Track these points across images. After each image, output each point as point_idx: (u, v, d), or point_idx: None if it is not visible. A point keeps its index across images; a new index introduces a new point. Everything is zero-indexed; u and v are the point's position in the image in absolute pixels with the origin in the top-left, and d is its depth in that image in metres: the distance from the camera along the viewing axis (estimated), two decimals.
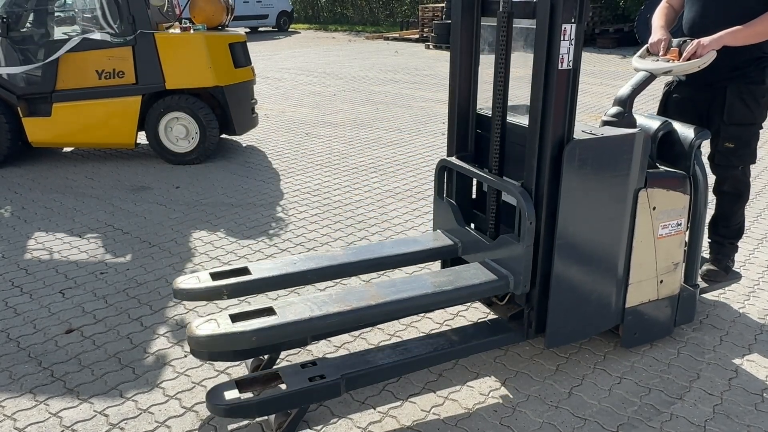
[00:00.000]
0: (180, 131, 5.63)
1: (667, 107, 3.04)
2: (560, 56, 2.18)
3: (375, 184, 5.13)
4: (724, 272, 3.07)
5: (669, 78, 2.99)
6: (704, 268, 3.07)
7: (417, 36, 18.12)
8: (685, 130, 2.68)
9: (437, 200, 2.89)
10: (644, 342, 2.75)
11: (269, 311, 2.11)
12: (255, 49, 15.93)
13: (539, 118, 2.28)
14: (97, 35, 5.29)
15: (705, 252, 3.12)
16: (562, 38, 2.15)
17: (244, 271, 2.43)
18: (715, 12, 2.75)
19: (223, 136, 6.24)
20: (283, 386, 2.17)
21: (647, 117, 2.78)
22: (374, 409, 2.38)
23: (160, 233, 4.12)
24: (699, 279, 2.92)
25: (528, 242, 2.33)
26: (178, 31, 5.58)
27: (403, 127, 7.25)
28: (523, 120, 2.48)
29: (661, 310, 2.70)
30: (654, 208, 2.48)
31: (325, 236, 4.04)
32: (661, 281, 2.62)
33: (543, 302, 2.45)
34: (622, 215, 2.43)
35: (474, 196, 2.91)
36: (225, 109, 5.69)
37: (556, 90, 2.22)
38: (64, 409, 2.39)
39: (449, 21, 15.02)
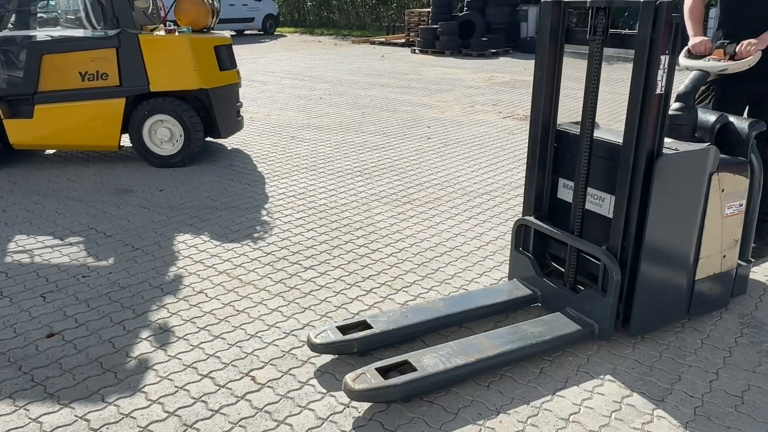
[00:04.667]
0: (164, 134, 5.59)
1: (721, 99, 3.46)
2: (656, 83, 2.46)
3: (360, 187, 5.13)
4: (767, 247, 3.53)
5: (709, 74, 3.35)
6: None
7: (403, 40, 18.17)
8: (740, 122, 2.98)
9: (514, 253, 3.21)
10: (708, 311, 3.04)
11: (409, 365, 2.44)
12: (240, 52, 15.89)
13: (634, 136, 2.55)
14: (79, 33, 5.25)
15: None
16: (658, 68, 2.43)
17: (365, 324, 2.75)
18: (761, 16, 3.26)
19: (208, 139, 6.21)
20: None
21: (703, 111, 3.04)
22: (361, 415, 2.38)
23: (143, 236, 4.09)
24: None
25: (614, 297, 2.67)
26: (162, 33, 5.55)
27: (389, 131, 7.26)
28: (605, 135, 2.83)
29: (722, 283, 3.02)
30: (723, 190, 2.81)
31: (311, 240, 4.03)
32: (724, 256, 2.95)
33: (629, 297, 2.74)
34: (698, 202, 2.75)
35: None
36: (210, 112, 5.67)
37: (651, 112, 2.50)
38: (45, 414, 2.36)
39: (435, 26, 15.12)
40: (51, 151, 6.30)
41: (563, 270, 3.01)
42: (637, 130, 2.53)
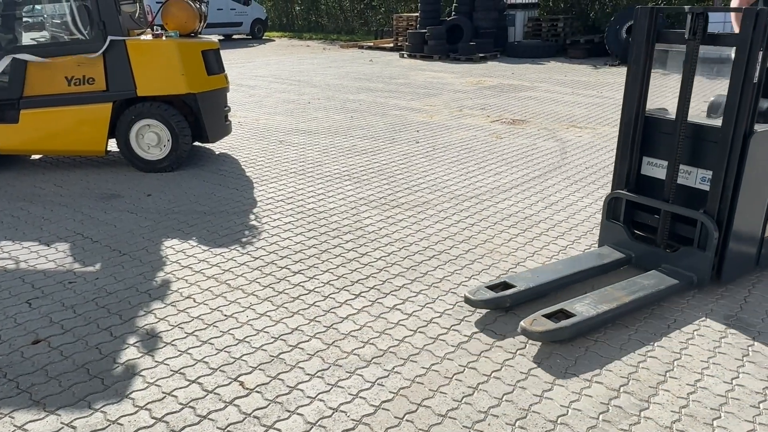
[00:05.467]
0: (152, 139, 5.57)
1: None
2: (754, 74, 2.98)
3: (349, 191, 5.13)
4: None
5: None
6: None
7: (391, 45, 18.21)
8: None
9: (605, 222, 3.73)
10: None
11: (564, 312, 2.89)
12: (229, 56, 15.88)
13: (734, 117, 3.07)
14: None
15: None
16: (756, 62, 2.98)
17: (506, 284, 3.16)
18: None
19: (196, 143, 6.19)
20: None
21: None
22: (346, 414, 2.38)
23: (130, 242, 4.07)
24: None
25: (712, 252, 3.22)
26: (150, 37, 5.53)
27: (378, 135, 7.27)
28: (694, 120, 3.35)
29: None
30: None
31: (299, 244, 4.03)
32: None
33: (722, 252, 3.26)
34: None
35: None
36: (198, 116, 5.65)
37: (748, 98, 3.03)
38: (30, 421, 2.34)
39: (423, 30, 15.14)
40: (37, 156, 6.25)
41: (651, 235, 3.56)
42: (736, 113, 3.05)
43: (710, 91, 9.54)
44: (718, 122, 3.21)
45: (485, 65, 14.21)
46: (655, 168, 3.55)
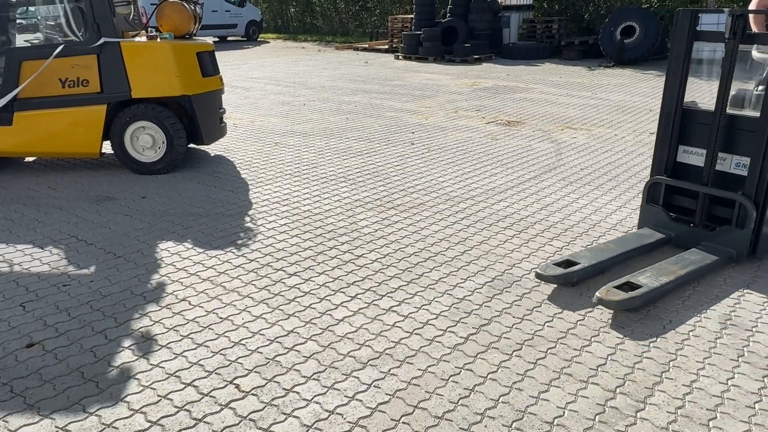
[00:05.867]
0: (146, 141, 5.55)
1: None
2: None
3: (345, 193, 5.13)
4: None
5: None
6: None
7: (386, 46, 18.23)
8: None
9: (645, 206, 4.07)
10: None
11: (630, 284, 3.20)
12: (224, 58, 15.85)
13: None
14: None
15: None
16: None
17: (570, 262, 3.48)
18: None
19: (191, 145, 6.17)
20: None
21: None
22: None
23: (125, 244, 4.05)
24: None
25: (750, 230, 3.57)
26: (144, 39, 5.51)
27: (373, 136, 7.27)
28: (731, 111, 3.71)
29: None
30: None
31: (295, 246, 4.02)
32: None
33: (758, 230, 3.60)
34: None
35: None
36: (193, 118, 5.64)
37: None
38: (25, 425, 2.33)
39: (418, 32, 15.15)
40: (30, 159, 6.23)
41: (688, 217, 3.93)
42: None
43: (708, 90, 9.53)
44: (756, 113, 3.55)
45: (480, 67, 14.23)
46: (690, 155, 3.92)
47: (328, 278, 3.57)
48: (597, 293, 3.12)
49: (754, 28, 4.00)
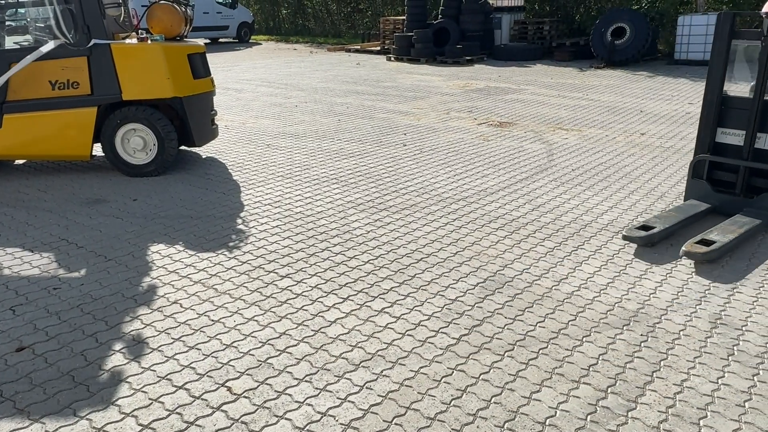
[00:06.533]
0: (137, 143, 5.53)
1: None
2: None
3: (337, 195, 5.13)
4: None
5: None
6: None
7: (378, 48, 18.24)
8: None
9: (691, 181, 4.64)
10: None
11: (704, 241, 3.79)
12: (215, 60, 15.81)
13: None
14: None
15: None
16: None
17: (647, 226, 4.05)
18: None
19: (183, 147, 6.15)
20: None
21: None
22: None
23: (116, 247, 4.03)
24: None
25: None
26: (135, 41, 5.49)
27: (365, 138, 7.27)
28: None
29: None
30: None
31: (287, 248, 4.01)
32: None
33: None
34: None
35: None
36: (184, 120, 5.62)
37: None
38: (15, 430, 2.31)
39: (410, 33, 15.18)
40: (20, 162, 6.19)
41: (729, 189, 4.50)
42: None
43: (694, 91, 9.59)
44: None
45: (472, 68, 14.26)
46: (728, 136, 4.51)
47: (320, 280, 3.56)
48: (683, 247, 3.72)
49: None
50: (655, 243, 3.98)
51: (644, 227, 4.06)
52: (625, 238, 4.00)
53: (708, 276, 3.60)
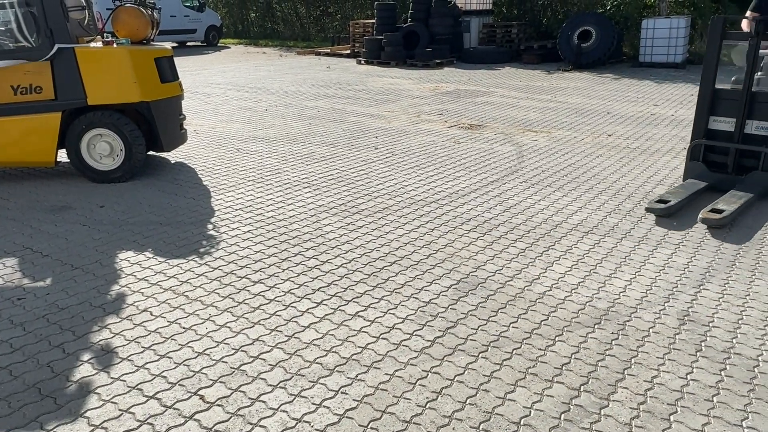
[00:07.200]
0: (104, 148, 5.43)
1: None
2: None
3: (309, 199, 5.10)
4: None
5: None
6: None
7: (348, 51, 18.23)
8: None
9: (689, 163, 5.29)
10: None
11: (716, 210, 4.42)
12: (183, 64, 15.62)
13: None
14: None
15: None
16: None
17: (663, 200, 4.66)
18: None
19: (151, 152, 6.05)
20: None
21: None
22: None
23: (83, 255, 3.95)
24: None
25: None
26: (100, 44, 5.39)
27: (336, 141, 7.26)
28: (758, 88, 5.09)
29: None
30: None
31: (259, 253, 3.97)
32: None
33: None
34: None
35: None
36: (152, 125, 5.54)
37: None
38: None
39: (380, 37, 15.17)
40: None
41: (722, 169, 5.15)
42: None
43: (659, 93, 9.79)
44: None
45: (442, 71, 14.35)
46: (719, 123, 5.16)
47: (293, 285, 3.54)
48: (700, 215, 4.38)
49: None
50: (671, 214, 4.57)
51: (661, 200, 4.67)
52: (648, 210, 4.59)
53: (675, 275, 3.67)
